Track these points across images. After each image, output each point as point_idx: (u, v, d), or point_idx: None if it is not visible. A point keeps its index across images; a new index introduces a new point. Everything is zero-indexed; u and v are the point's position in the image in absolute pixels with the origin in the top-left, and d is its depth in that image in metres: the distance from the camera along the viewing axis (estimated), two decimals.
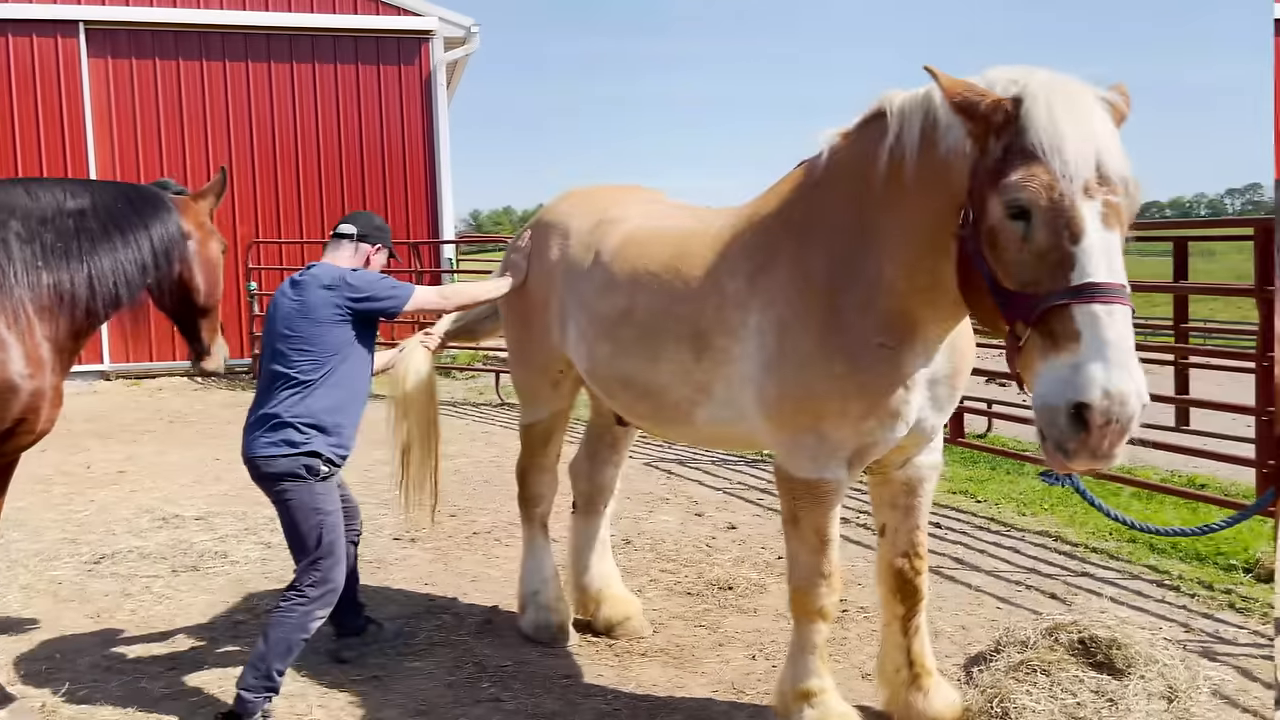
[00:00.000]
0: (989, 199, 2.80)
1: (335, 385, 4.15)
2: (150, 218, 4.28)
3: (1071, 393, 2.56)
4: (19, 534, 6.87)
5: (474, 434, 10.58)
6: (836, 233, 3.48)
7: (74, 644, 5.04)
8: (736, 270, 3.75)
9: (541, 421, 4.96)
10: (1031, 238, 2.70)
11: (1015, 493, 7.76)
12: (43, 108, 14.36)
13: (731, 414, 3.86)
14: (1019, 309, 2.74)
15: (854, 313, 3.39)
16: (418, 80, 15.69)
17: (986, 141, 2.83)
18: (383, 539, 6.74)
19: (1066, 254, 2.64)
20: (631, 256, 4.20)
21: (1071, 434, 2.58)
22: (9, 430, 3.82)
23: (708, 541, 6.67)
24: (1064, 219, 2.65)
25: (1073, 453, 2.60)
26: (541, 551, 5.07)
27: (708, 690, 4.47)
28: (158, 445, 10.11)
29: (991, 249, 2.82)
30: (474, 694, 4.45)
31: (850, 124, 3.55)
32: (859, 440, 3.52)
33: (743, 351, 3.69)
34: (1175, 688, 3.95)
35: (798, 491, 3.64)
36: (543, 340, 4.70)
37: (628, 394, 4.24)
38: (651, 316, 4.02)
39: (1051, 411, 2.61)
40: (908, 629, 3.98)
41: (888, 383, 3.41)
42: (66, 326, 4.01)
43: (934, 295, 3.27)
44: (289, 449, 4.07)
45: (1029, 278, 2.72)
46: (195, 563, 6.25)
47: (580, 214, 4.65)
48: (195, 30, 14.82)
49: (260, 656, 4.01)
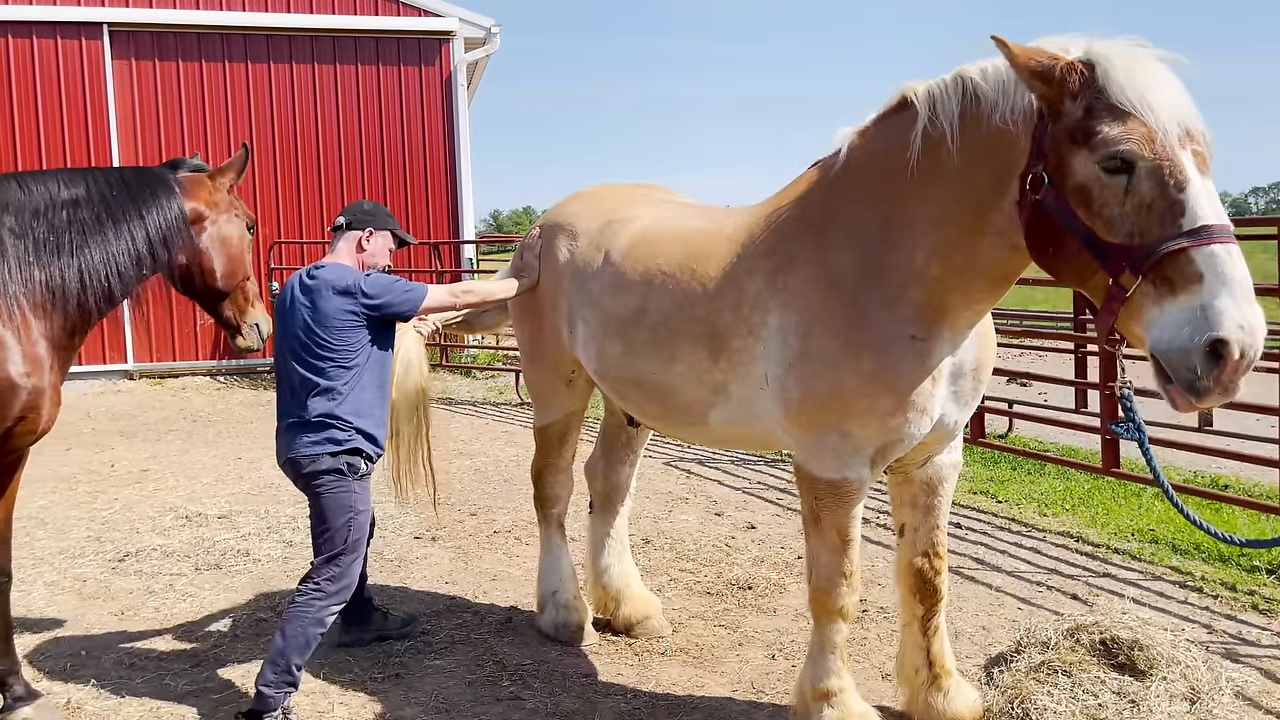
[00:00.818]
0: (1073, 158, 2.85)
1: (364, 386, 4.24)
2: (147, 204, 4.12)
3: (1206, 330, 2.58)
4: (44, 532, 6.94)
5: (494, 433, 10.61)
6: (860, 228, 3.49)
7: (98, 641, 5.09)
8: (755, 270, 3.74)
9: (556, 422, 4.98)
10: (1135, 189, 2.74)
11: (1036, 493, 7.72)
12: (67, 109, 14.48)
13: (747, 414, 3.86)
14: (1126, 260, 2.76)
15: (881, 307, 3.40)
16: (438, 81, 15.74)
17: (1062, 104, 2.88)
18: (403, 538, 6.78)
19: (1174, 201, 2.69)
20: (644, 257, 4.21)
21: (1208, 371, 2.60)
22: (9, 430, 3.82)
23: (727, 541, 6.67)
24: (1167, 168, 2.71)
25: (1205, 390, 2.62)
26: (559, 551, 5.09)
27: (727, 690, 4.47)
28: (181, 444, 10.19)
29: (1085, 205, 2.85)
30: (494, 692, 4.47)
31: (867, 121, 3.57)
32: (884, 437, 3.51)
33: (763, 352, 3.68)
34: (1198, 689, 3.93)
35: (820, 491, 3.63)
36: (553, 341, 4.72)
37: (639, 394, 4.24)
38: (666, 317, 4.01)
39: (1183, 353, 2.63)
40: (927, 629, 3.97)
41: (916, 376, 3.41)
42: (61, 323, 3.92)
43: (968, 277, 3.30)
44: (333, 447, 4.15)
45: (1135, 228, 2.76)
46: (218, 561, 6.30)
47: (589, 214, 4.67)
48: (218, 32, 14.92)
49: (279, 652, 4.05)
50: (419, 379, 4.97)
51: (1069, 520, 7.03)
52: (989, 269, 3.26)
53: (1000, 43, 2.90)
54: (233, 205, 4.45)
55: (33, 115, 14.39)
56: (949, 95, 3.21)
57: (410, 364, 4.93)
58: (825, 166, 3.72)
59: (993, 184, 3.13)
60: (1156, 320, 2.71)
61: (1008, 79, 3.06)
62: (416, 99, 15.70)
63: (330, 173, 15.49)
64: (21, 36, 14.31)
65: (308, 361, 4.19)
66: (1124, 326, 2.85)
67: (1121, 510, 7.15)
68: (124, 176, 4.19)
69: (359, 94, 15.51)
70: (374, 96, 15.55)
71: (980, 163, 3.16)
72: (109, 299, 4.04)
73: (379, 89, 15.56)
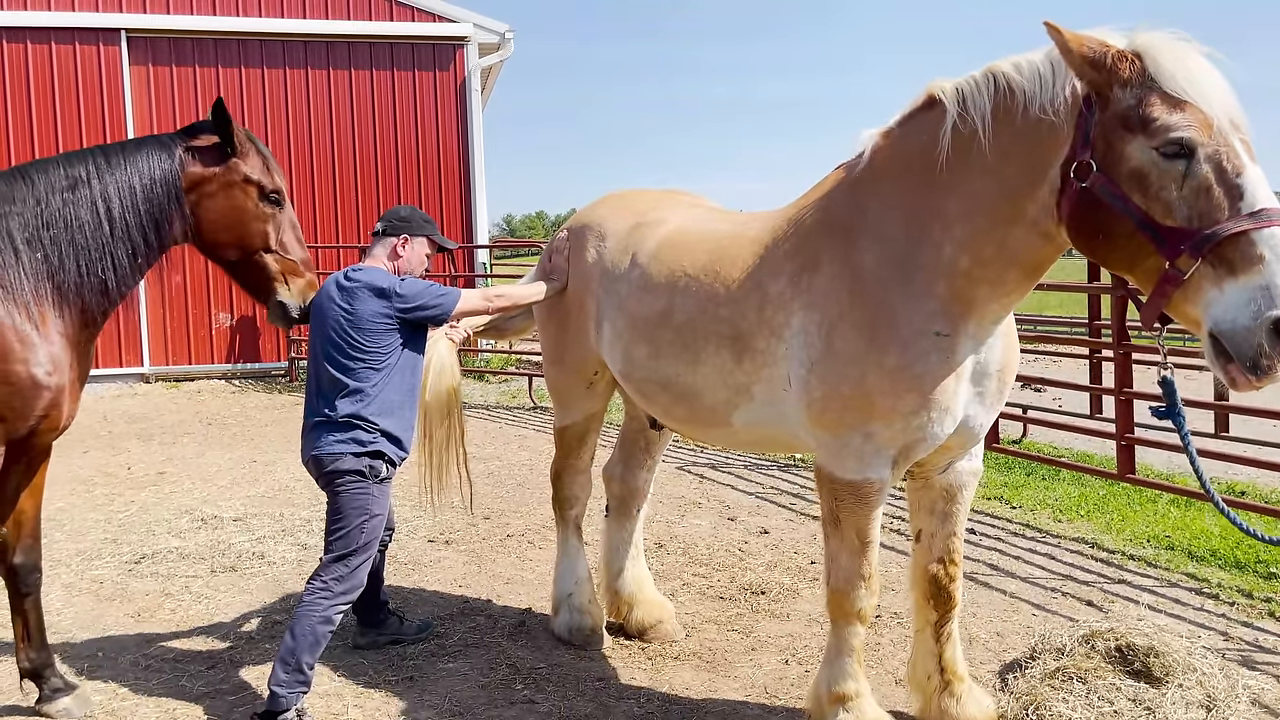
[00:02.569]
0: (1127, 144, 2.90)
1: (393, 389, 4.26)
2: (140, 190, 3.98)
3: (1273, 309, 2.65)
4: (61, 534, 6.98)
5: (508, 437, 10.63)
6: (885, 226, 3.51)
7: (115, 643, 5.12)
8: (779, 272, 3.76)
9: (576, 423, 4.99)
10: (1194, 174, 2.80)
11: (1051, 499, 7.69)
12: (85, 114, 14.58)
13: (771, 415, 3.87)
14: (1185, 242, 2.80)
15: (906, 303, 3.42)
16: (452, 86, 15.80)
17: (1111, 91, 2.93)
18: (417, 541, 6.80)
19: (1233, 185, 2.76)
20: (669, 259, 4.22)
21: (1272, 347, 2.66)
22: (32, 427, 3.88)
23: (740, 546, 6.67)
24: (1226, 153, 2.78)
25: (1268, 368, 2.69)
26: (575, 554, 5.09)
27: (740, 694, 4.47)
28: (197, 447, 10.24)
29: (1141, 190, 2.89)
30: (508, 695, 4.47)
31: (891, 121, 3.59)
32: (908, 437, 3.52)
33: (786, 352, 3.70)
34: (1214, 697, 3.91)
35: (840, 493, 3.63)
36: (578, 342, 4.73)
37: (666, 396, 4.25)
38: (690, 319, 4.03)
39: (1248, 331, 2.68)
40: (940, 635, 3.96)
41: (941, 373, 3.43)
42: (75, 317, 3.92)
43: (998, 268, 3.33)
44: (357, 447, 4.18)
45: (1194, 211, 2.80)
46: (233, 563, 6.33)
47: (618, 216, 4.68)
48: (235, 38, 15.01)
49: (289, 651, 4.07)
50: (451, 382, 5.02)
51: (1084, 526, 7.00)
52: (1020, 259, 3.30)
53: (1053, 29, 2.95)
54: (232, 171, 4.12)
55: (51, 120, 14.50)
56: (980, 91, 3.25)
57: (443, 368, 4.97)
58: (849, 168, 3.74)
59: (1028, 173, 3.17)
60: (1217, 300, 2.76)
61: (1045, 70, 3.12)
62: (430, 104, 15.76)
63: (345, 177, 15.56)
64: (40, 42, 14.42)
65: (339, 361, 4.21)
66: (1177, 309, 2.89)
67: (1137, 516, 7.12)
68: (118, 158, 4.03)
69: (373, 99, 15.57)
70: (388, 102, 15.62)
71: (1015, 154, 3.20)
72: (105, 292, 3.97)
73: (393, 94, 15.63)
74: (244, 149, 4.15)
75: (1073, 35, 2.94)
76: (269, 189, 4.18)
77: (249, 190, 4.14)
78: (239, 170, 4.13)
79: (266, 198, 4.17)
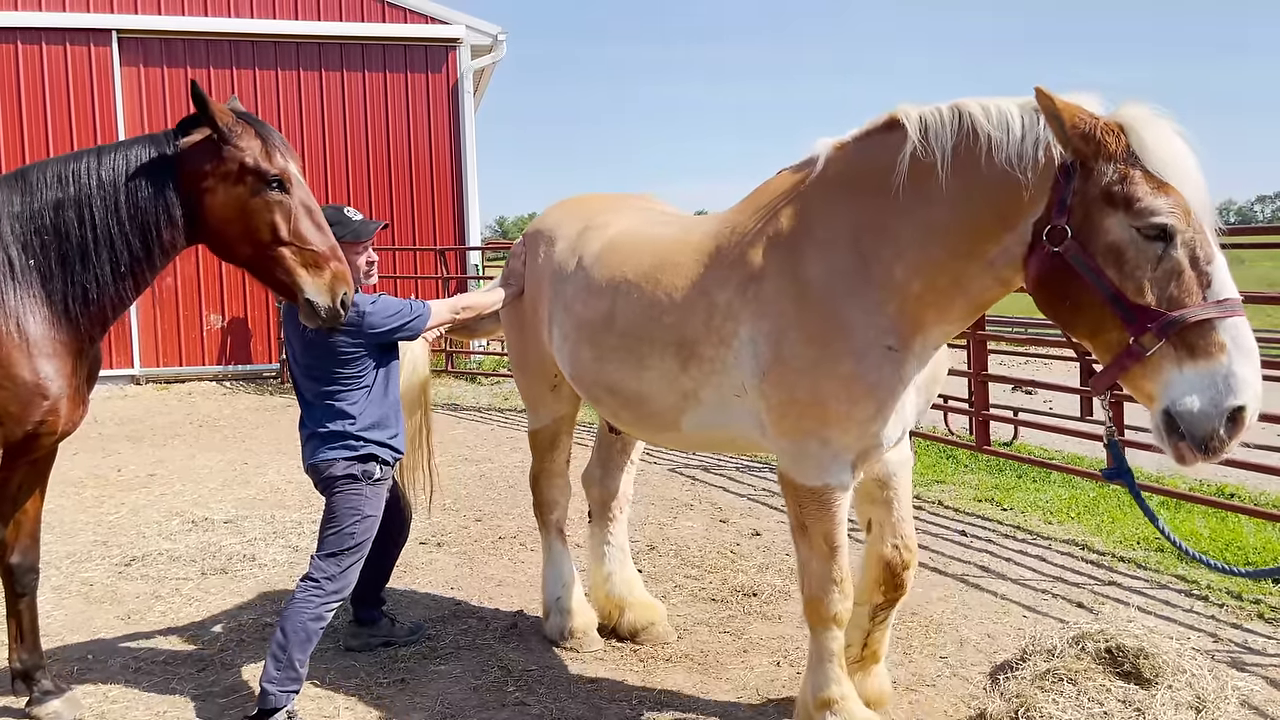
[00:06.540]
0: (1107, 219, 2.93)
1: (377, 401, 4.33)
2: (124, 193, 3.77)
3: (1232, 398, 2.75)
4: (51, 536, 6.95)
5: (499, 439, 10.62)
6: (836, 239, 3.51)
7: (105, 644, 5.11)
8: (725, 281, 3.76)
9: (546, 427, 5.04)
10: (1169, 257, 2.86)
11: (1041, 501, 7.71)
12: (76, 115, 14.56)
13: (721, 419, 3.90)
14: (1151, 322, 2.86)
15: (860, 315, 3.43)
16: (445, 88, 15.79)
17: (1095, 163, 2.94)
18: (409, 543, 6.77)
19: (1204, 272, 2.84)
20: (613, 263, 4.25)
21: (1227, 434, 2.77)
22: (30, 432, 3.86)
23: (732, 548, 6.68)
24: (1200, 241, 2.86)
25: (1215, 450, 2.80)
26: (560, 557, 5.11)
27: (732, 696, 4.48)
28: (187, 449, 10.22)
29: (1116, 266, 2.93)
30: (499, 698, 4.47)
31: (850, 135, 3.59)
32: (863, 443, 3.56)
33: (736, 360, 3.72)
34: (1203, 698, 3.92)
35: (804, 499, 3.66)
36: (536, 346, 4.78)
37: (612, 400, 4.28)
38: (633, 324, 4.05)
39: (1205, 416, 2.78)
40: (876, 617, 4.08)
41: (893, 383, 3.47)
42: (72, 325, 3.84)
43: (950, 299, 3.36)
44: (348, 453, 4.25)
45: (1165, 294, 2.86)
46: (224, 565, 6.32)
47: (569, 221, 4.73)
48: (226, 39, 14.99)
49: (280, 647, 4.08)
50: (422, 377, 5.10)
51: (1074, 528, 7.02)
52: (970, 293, 3.35)
53: (1043, 95, 2.94)
54: (230, 160, 3.78)
55: (42, 121, 14.46)
56: (944, 125, 3.25)
57: (416, 364, 5.03)
58: (797, 176, 3.74)
59: (994, 219, 3.17)
60: (1177, 381, 2.84)
61: (1015, 124, 3.11)
62: (423, 106, 15.76)
63: (337, 179, 15.54)
64: (30, 43, 14.39)
65: (319, 389, 4.30)
66: (1133, 382, 2.96)
67: (1127, 518, 7.14)
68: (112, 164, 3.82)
69: (366, 100, 15.57)
70: (381, 103, 15.61)
71: (978, 196, 3.19)
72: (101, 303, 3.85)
73: (386, 96, 15.62)
74: (236, 132, 3.78)
75: (1064, 104, 2.93)
76: (270, 174, 3.75)
77: (246, 179, 3.75)
78: (233, 159, 3.75)
79: (268, 184, 3.75)
